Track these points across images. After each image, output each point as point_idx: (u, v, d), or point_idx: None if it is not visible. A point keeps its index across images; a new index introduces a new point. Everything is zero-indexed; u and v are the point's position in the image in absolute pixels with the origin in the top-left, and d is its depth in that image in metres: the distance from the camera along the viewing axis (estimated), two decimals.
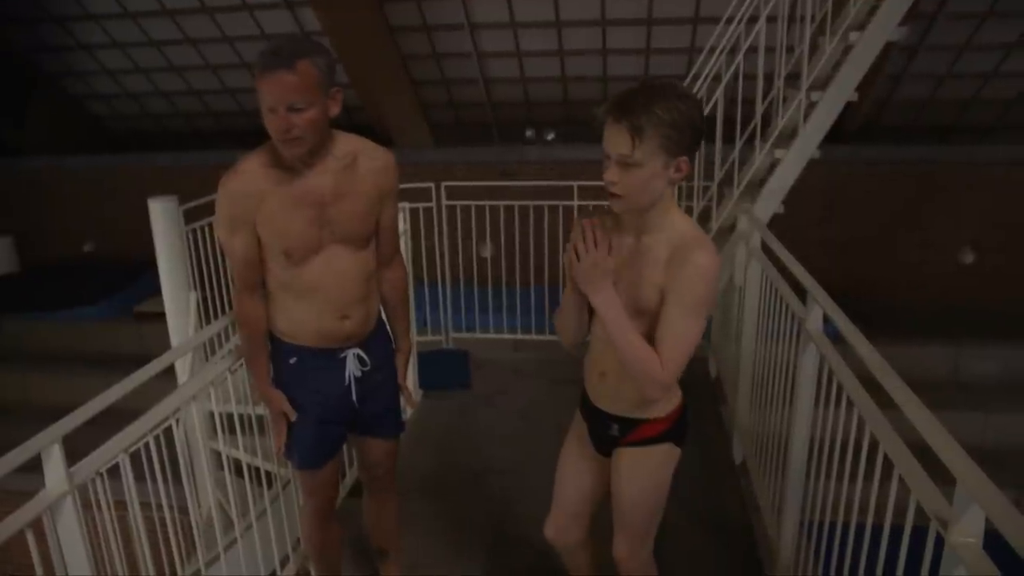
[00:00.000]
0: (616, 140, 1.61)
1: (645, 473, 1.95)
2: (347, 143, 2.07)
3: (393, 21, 8.45)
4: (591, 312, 1.85)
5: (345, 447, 2.51)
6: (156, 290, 9.04)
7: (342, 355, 2.21)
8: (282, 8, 8.58)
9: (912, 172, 8.14)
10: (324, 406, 2.25)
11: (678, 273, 1.65)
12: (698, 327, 1.68)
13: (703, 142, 4.24)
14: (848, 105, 4.02)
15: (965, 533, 1.26)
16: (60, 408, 1.97)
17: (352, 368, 2.23)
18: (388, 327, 2.44)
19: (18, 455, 1.41)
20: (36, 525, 1.48)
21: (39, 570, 1.43)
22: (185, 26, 9.10)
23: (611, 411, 1.94)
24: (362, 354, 2.24)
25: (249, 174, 2.00)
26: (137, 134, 11.24)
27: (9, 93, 9.91)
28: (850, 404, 1.96)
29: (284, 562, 2.88)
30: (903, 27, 3.92)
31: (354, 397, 2.27)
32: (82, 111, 10.98)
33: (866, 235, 8.30)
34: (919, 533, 1.49)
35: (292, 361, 2.21)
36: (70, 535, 1.52)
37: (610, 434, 1.97)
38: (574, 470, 2.12)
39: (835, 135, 4.23)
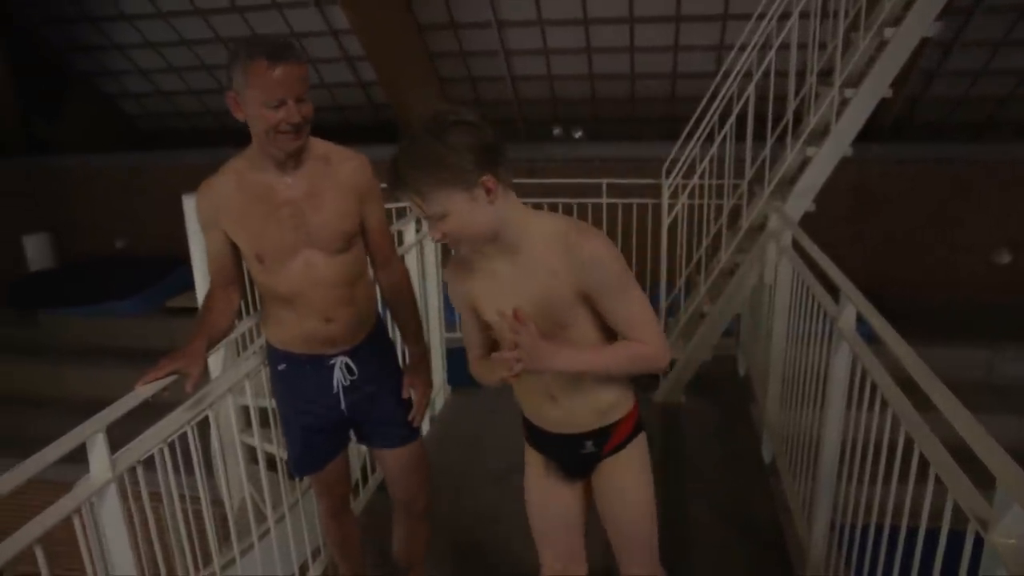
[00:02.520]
0: (413, 207, 1.59)
1: (634, 475, 1.87)
2: (318, 146, 2.04)
3: (421, 19, 8.51)
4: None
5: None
6: (186, 286, 9.22)
7: (330, 362, 2.16)
8: (310, 7, 8.65)
9: (946, 170, 8.02)
10: (312, 414, 2.21)
11: (587, 271, 1.58)
12: (638, 294, 1.63)
13: (733, 139, 4.27)
14: (880, 102, 3.97)
15: (1006, 534, 1.24)
16: (93, 400, 2.00)
17: (339, 376, 2.18)
18: (390, 335, 2.38)
19: (65, 443, 1.45)
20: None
21: (85, 555, 1.46)
22: (216, 25, 9.21)
23: (578, 430, 1.81)
24: (350, 363, 2.17)
25: (222, 178, 2.01)
26: (168, 132, 11.40)
27: (45, 92, 10.09)
28: (884, 405, 1.94)
29: (316, 554, 2.91)
30: (938, 22, 3.85)
31: (343, 406, 2.21)
32: (115, 109, 11.16)
33: (898, 234, 8.19)
34: (954, 538, 1.46)
35: (281, 368, 2.20)
36: (113, 521, 1.56)
37: (583, 453, 1.84)
38: (555, 509, 1.97)
39: (866, 132, 4.17)
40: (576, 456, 1.86)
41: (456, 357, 4.59)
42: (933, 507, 1.62)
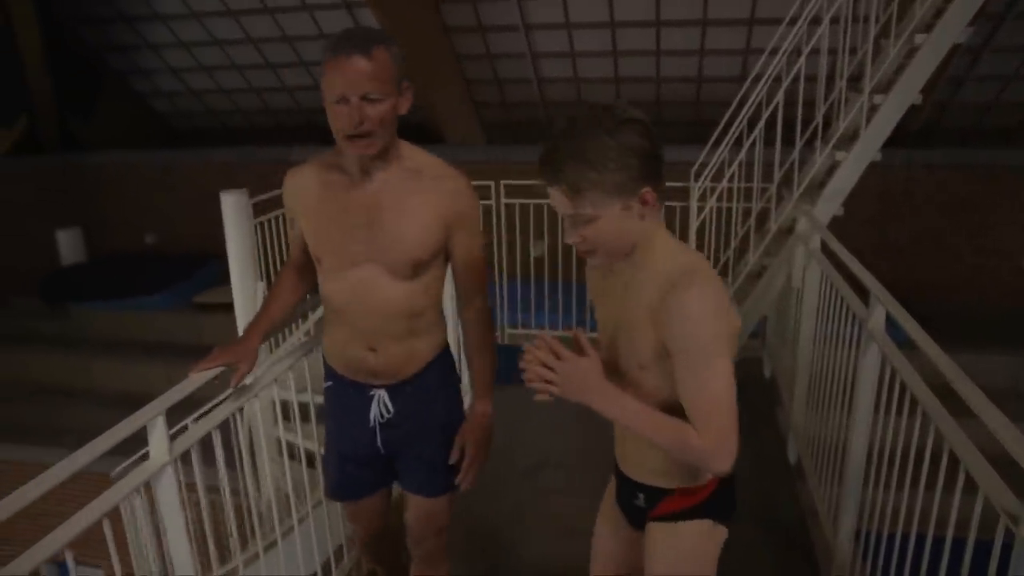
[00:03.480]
0: (556, 201, 1.43)
1: (677, 556, 1.65)
2: (413, 156, 1.85)
3: (449, 21, 8.57)
4: None
5: None
6: (214, 282, 9.41)
7: (371, 393, 1.98)
8: (341, 8, 8.76)
9: (974, 175, 7.98)
10: (349, 442, 2.06)
11: (669, 323, 1.39)
12: (719, 375, 1.39)
13: (762, 143, 4.31)
14: (909, 108, 3.99)
15: None
16: (121, 392, 2.06)
17: (376, 412, 1.99)
18: (442, 373, 2.07)
19: (127, 426, 1.52)
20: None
21: (148, 536, 1.54)
22: (247, 26, 9.35)
23: (635, 477, 1.68)
24: (387, 400, 1.98)
25: (306, 168, 1.90)
26: (198, 131, 11.57)
27: (80, 89, 10.29)
28: (912, 406, 1.96)
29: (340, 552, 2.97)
30: (969, 28, 3.87)
31: (379, 443, 2.02)
32: (146, 108, 11.35)
33: (925, 239, 8.16)
34: (981, 547, 1.46)
35: (328, 384, 2.07)
36: (170, 501, 1.64)
37: (636, 504, 1.71)
38: (607, 544, 1.87)
39: (894, 138, 4.18)
40: (629, 503, 1.74)
41: None
42: (961, 515, 1.60)
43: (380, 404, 1.97)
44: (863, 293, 2.54)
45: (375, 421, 1.99)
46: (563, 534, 3.11)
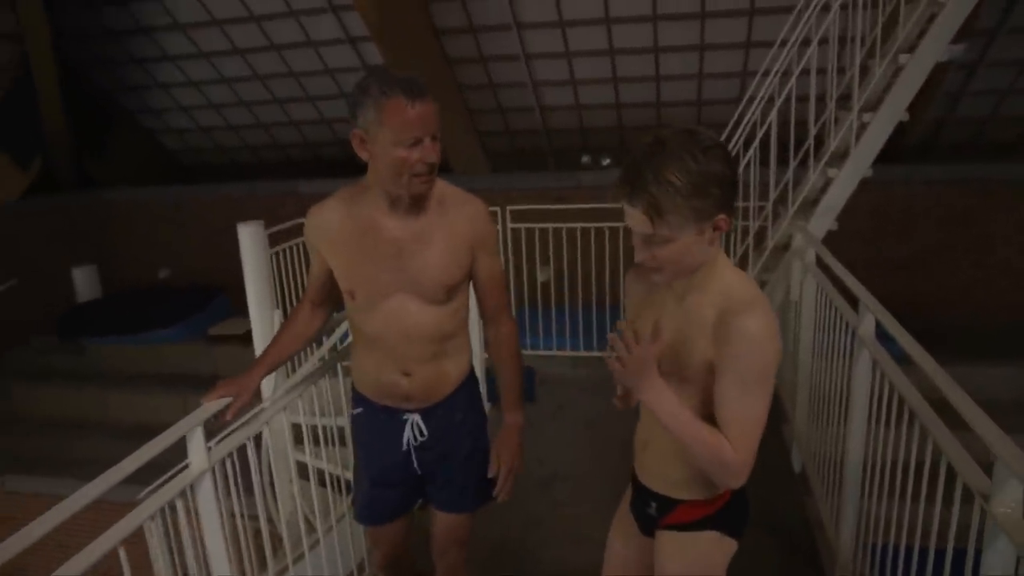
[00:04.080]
0: (634, 220, 1.44)
1: (685, 564, 1.71)
2: (436, 187, 1.91)
3: (451, 53, 8.77)
4: None
5: None
6: (227, 314, 9.54)
7: (404, 417, 2.05)
8: (345, 44, 8.97)
9: (972, 190, 8.06)
10: (380, 467, 2.12)
11: (727, 342, 1.45)
12: (762, 401, 1.47)
13: (757, 163, 4.44)
14: (904, 124, 4.12)
15: (1004, 504, 1.39)
16: (138, 425, 2.15)
17: (409, 435, 2.06)
18: (469, 395, 2.17)
19: (167, 437, 1.65)
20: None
21: (187, 538, 1.66)
22: (254, 63, 9.59)
23: (650, 486, 1.75)
24: (420, 423, 2.05)
25: (331, 204, 1.94)
26: (207, 166, 11.80)
27: (92, 129, 10.54)
28: (901, 406, 2.06)
29: (361, 567, 3.06)
30: (960, 45, 4.00)
31: (415, 464, 2.10)
32: (157, 145, 11.59)
33: (925, 253, 8.24)
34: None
35: (357, 411, 2.13)
36: (209, 506, 1.76)
37: (648, 512, 1.78)
38: (620, 550, 1.93)
39: (892, 154, 4.32)
40: (642, 510, 1.81)
41: (493, 375, 4.79)
42: (961, 522, 1.63)
43: (414, 428, 2.04)
44: (857, 303, 2.66)
45: (408, 444, 2.06)
46: (575, 541, 3.22)
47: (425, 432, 2.05)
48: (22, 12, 8.73)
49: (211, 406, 1.88)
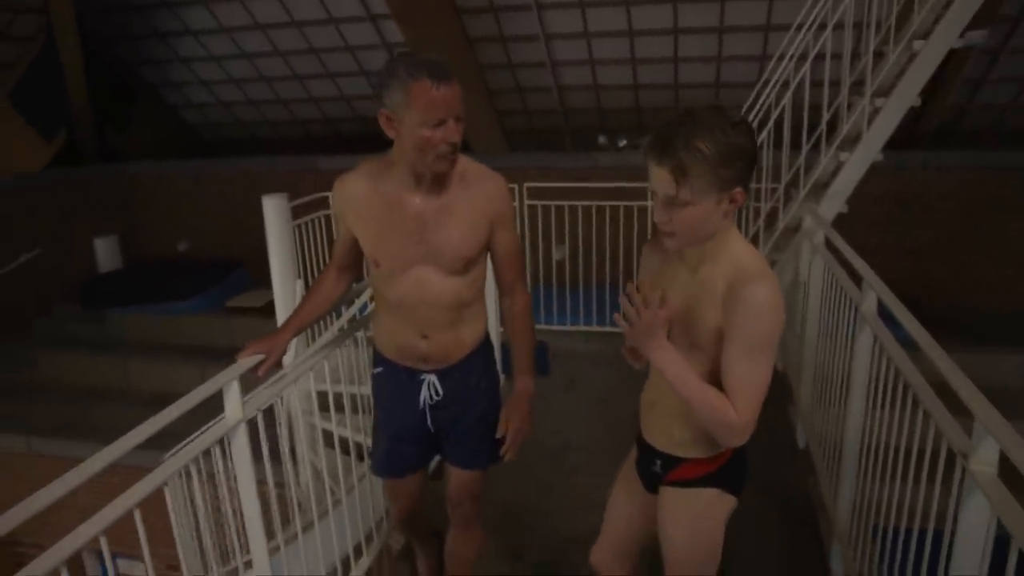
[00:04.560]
0: (660, 181, 1.54)
1: (688, 518, 1.83)
2: (458, 163, 2.00)
3: (471, 33, 8.82)
4: None
5: None
6: (246, 287, 9.69)
7: (421, 377, 2.17)
8: (367, 22, 9.05)
9: (990, 177, 8.03)
10: (398, 423, 2.25)
11: (734, 310, 1.54)
12: (765, 366, 1.57)
13: (770, 146, 4.50)
14: (923, 110, 4.18)
15: (982, 462, 1.49)
16: (158, 393, 2.22)
17: (425, 395, 2.18)
18: (484, 360, 2.28)
19: (206, 389, 1.77)
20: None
21: (224, 481, 1.78)
22: (276, 39, 9.68)
23: (655, 445, 1.85)
24: (436, 383, 2.17)
25: (355, 177, 2.05)
26: (227, 141, 11.95)
27: (115, 103, 10.69)
28: (896, 378, 2.15)
29: (379, 525, 3.20)
30: (981, 31, 4.05)
31: (429, 423, 2.23)
32: (178, 119, 11.74)
33: (941, 240, 8.24)
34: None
35: (378, 371, 2.25)
36: (242, 455, 1.89)
37: (653, 470, 1.88)
38: (623, 506, 2.04)
39: (910, 140, 4.38)
40: (647, 468, 1.91)
41: (508, 348, 4.91)
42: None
43: (430, 387, 2.17)
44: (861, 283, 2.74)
45: (424, 403, 2.18)
46: (586, 507, 3.31)
47: (441, 392, 2.17)
48: None
49: (245, 362, 1.99)
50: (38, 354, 8.87)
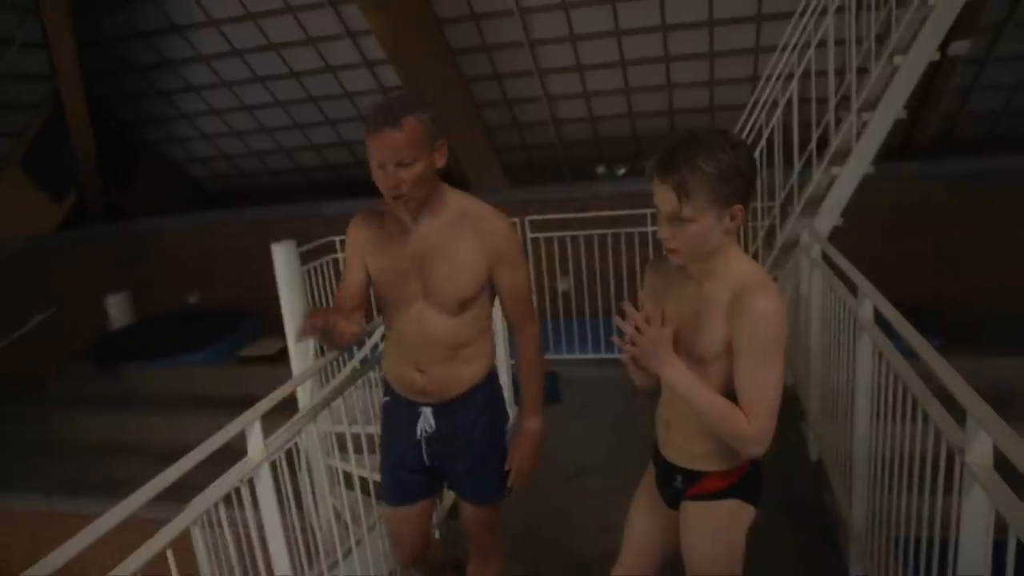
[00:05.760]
0: (663, 198, 1.61)
1: (710, 531, 1.86)
2: (457, 201, 2.04)
3: (466, 72, 9.00)
4: None
5: None
6: (257, 336, 9.73)
7: (419, 410, 2.20)
8: (363, 68, 9.23)
9: (986, 184, 8.05)
10: (399, 452, 2.28)
11: (740, 322, 1.60)
12: (774, 375, 1.61)
13: (765, 167, 4.58)
14: (916, 121, 4.28)
15: (977, 456, 1.55)
16: (173, 446, 2.22)
17: (422, 426, 2.20)
18: (485, 397, 2.26)
19: (228, 431, 1.84)
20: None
21: (253, 523, 1.82)
22: (275, 90, 9.89)
23: (675, 462, 1.89)
24: (431, 416, 2.19)
25: (368, 215, 2.12)
26: (231, 192, 12.12)
27: (120, 162, 10.90)
28: (895, 381, 2.21)
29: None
30: (964, 42, 4.16)
31: (424, 455, 2.24)
32: (182, 173, 11.94)
33: (943, 249, 8.26)
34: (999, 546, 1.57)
35: (385, 399, 2.31)
36: (267, 494, 1.95)
37: (674, 486, 1.92)
38: (643, 523, 2.06)
39: (905, 151, 4.47)
40: (668, 485, 1.94)
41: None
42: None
43: (425, 420, 2.19)
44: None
45: (421, 435, 2.21)
46: (603, 529, 3.36)
47: (434, 425, 2.19)
48: (54, 52, 9.08)
49: (280, 392, 2.09)
50: (54, 413, 8.92)
